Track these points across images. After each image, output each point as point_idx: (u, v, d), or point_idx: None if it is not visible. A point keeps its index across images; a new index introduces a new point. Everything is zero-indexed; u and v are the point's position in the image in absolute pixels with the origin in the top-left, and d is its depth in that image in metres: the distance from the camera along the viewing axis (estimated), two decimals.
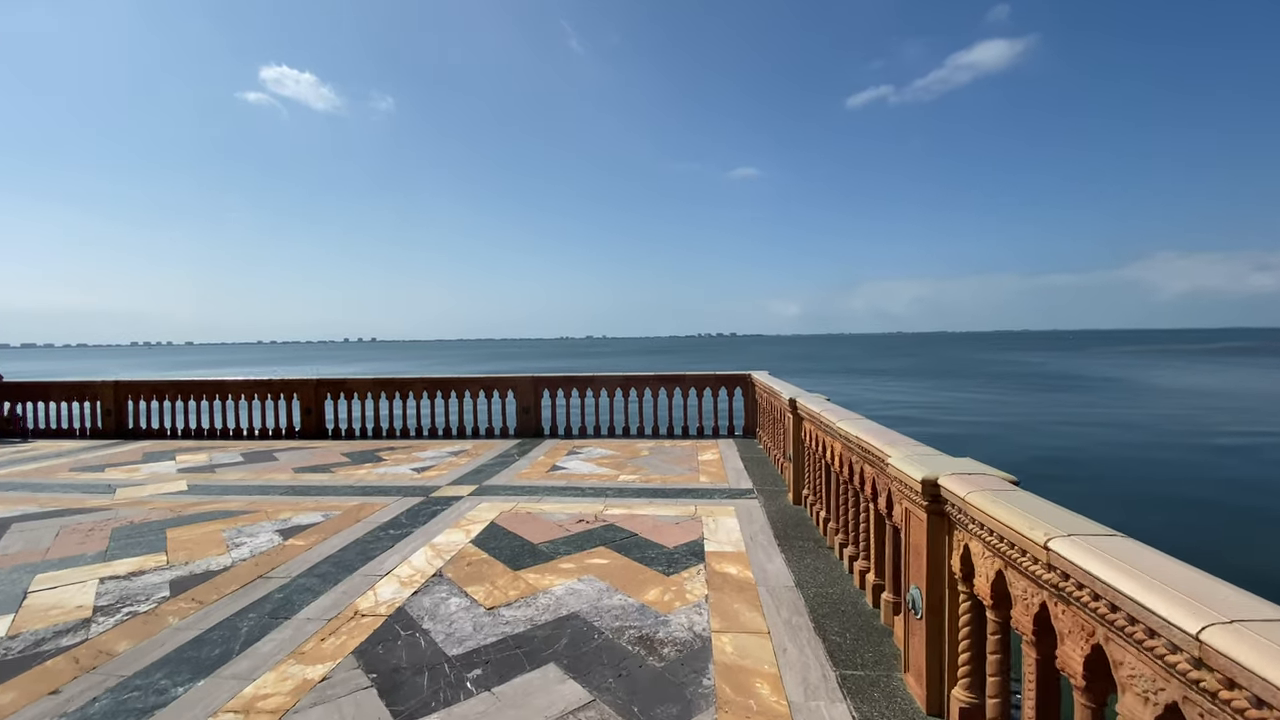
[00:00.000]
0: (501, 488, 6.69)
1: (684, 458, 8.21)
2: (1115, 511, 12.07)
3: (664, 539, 4.93)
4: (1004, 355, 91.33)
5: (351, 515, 5.78)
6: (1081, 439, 20.19)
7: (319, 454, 8.96)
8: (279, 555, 4.74)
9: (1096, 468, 16.17)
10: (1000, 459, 13.53)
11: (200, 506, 6.21)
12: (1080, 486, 14.31)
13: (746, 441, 9.39)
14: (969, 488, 2.40)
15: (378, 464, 8.17)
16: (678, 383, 10.12)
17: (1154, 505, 12.77)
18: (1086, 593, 1.65)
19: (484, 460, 8.23)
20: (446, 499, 6.26)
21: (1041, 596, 1.92)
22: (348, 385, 10.70)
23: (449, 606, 3.75)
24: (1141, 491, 13.82)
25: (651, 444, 9.26)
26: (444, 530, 5.24)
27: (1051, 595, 1.86)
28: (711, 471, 7.37)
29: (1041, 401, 31.24)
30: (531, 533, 5.13)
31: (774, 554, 4.60)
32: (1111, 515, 2.69)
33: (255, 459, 8.73)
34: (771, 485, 6.68)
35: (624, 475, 7.23)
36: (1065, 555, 1.73)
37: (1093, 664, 1.69)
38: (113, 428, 11.09)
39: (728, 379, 10.01)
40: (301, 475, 7.57)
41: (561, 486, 6.71)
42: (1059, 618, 1.83)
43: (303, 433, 10.65)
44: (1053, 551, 1.79)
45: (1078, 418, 25.11)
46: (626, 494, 6.37)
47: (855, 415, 4.36)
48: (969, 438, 20.57)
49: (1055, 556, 1.78)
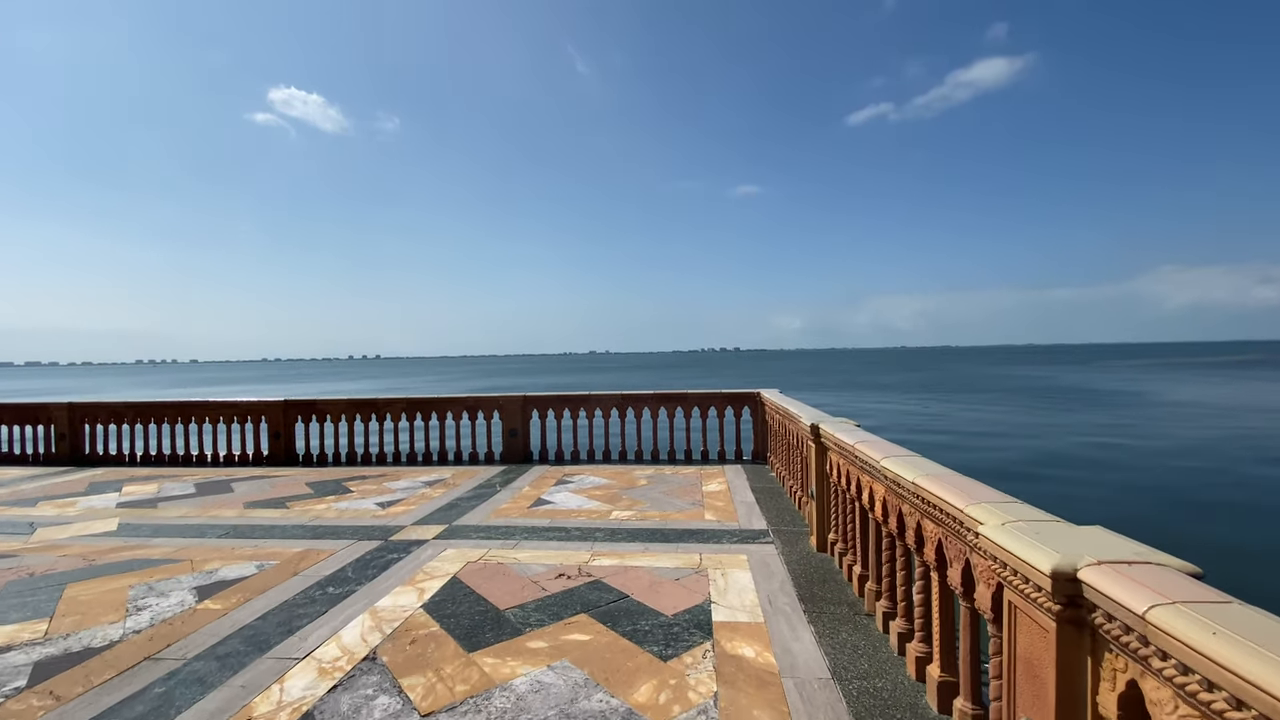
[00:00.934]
0: (474, 529, 5.75)
1: (687, 488, 7.26)
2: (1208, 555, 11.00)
3: (662, 602, 3.98)
4: (1013, 370, 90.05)
5: (289, 566, 4.85)
6: (1125, 461, 19.08)
7: (280, 484, 8.04)
8: (183, 625, 3.81)
9: (1153, 495, 15.06)
10: (1042, 490, 12.39)
11: (121, 553, 5.30)
12: (1147, 520, 13.22)
13: (756, 468, 8.44)
14: (1143, 594, 1.48)
15: (342, 496, 7.25)
16: (679, 402, 9.20)
17: (1252, 547, 11.62)
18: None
19: (460, 492, 7.30)
20: (407, 544, 5.33)
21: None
22: (319, 407, 9.81)
23: (373, 712, 2.81)
24: (1227, 529, 12.65)
25: (651, 471, 8.32)
26: (394, 588, 4.30)
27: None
28: (718, 506, 6.42)
29: (1070, 419, 30.13)
30: (499, 593, 4.19)
31: (799, 625, 3.65)
32: (1208, 560, 1.77)
33: (208, 490, 7.82)
34: (789, 525, 5.73)
35: (618, 511, 6.28)
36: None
37: None
38: (67, 453, 10.21)
39: (734, 398, 9.09)
40: (251, 512, 6.65)
41: (544, 527, 5.77)
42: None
43: (270, 458, 9.74)
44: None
45: (1110, 435, 24.01)
46: (619, 536, 5.43)
47: (904, 451, 3.43)
48: (999, 462, 19.50)
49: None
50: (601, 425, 9.31)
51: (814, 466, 4.96)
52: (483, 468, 8.84)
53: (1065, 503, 13.51)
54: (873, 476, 3.56)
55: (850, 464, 4.05)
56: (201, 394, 61.85)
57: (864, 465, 3.68)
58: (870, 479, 3.63)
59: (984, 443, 22.56)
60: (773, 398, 7.93)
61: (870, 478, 3.62)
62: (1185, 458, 18.98)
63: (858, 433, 4.24)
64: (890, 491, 3.25)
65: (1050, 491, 14.86)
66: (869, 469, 3.58)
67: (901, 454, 3.37)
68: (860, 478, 3.85)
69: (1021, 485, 14.77)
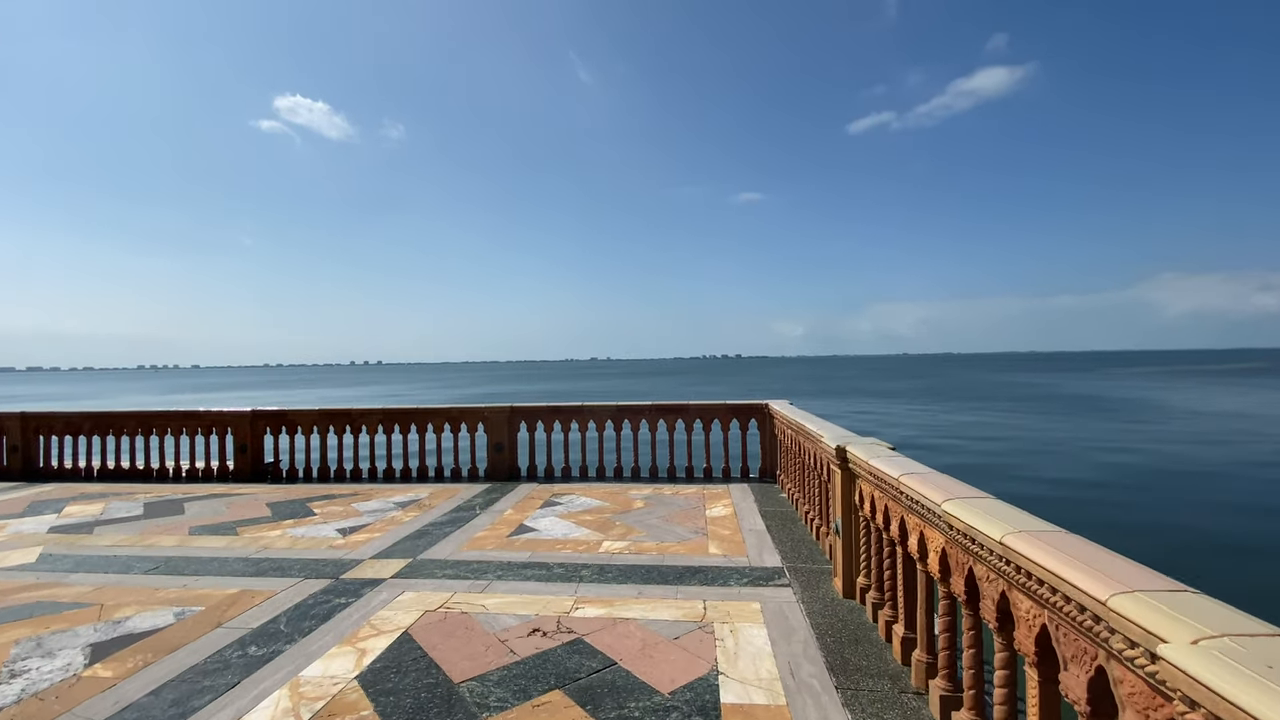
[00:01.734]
0: (441, 565, 4.96)
1: (689, 512, 6.47)
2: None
3: (657, 672, 3.19)
4: (1018, 377, 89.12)
5: (215, 614, 4.07)
6: (1154, 474, 18.23)
7: (238, 505, 7.27)
8: (56, 702, 3.03)
9: (1198, 514, 14.23)
10: (1074, 509, 11.49)
11: (28, 593, 4.52)
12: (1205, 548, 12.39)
13: (764, 487, 7.65)
14: None
15: (302, 520, 6.47)
16: (680, 414, 8.42)
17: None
18: None
19: (435, 516, 6.52)
20: (360, 584, 4.55)
21: None
22: (289, 418, 9.04)
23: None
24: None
25: (649, 491, 7.52)
26: (330, 648, 3.52)
27: None
28: (724, 535, 5.63)
29: (1089, 427, 29.28)
30: (457, 656, 3.40)
31: (832, 709, 2.85)
32: None
33: (158, 511, 7.04)
34: (807, 560, 4.94)
35: (609, 542, 5.49)
36: None
37: None
38: (19, 466, 9.44)
39: (740, 410, 8.30)
40: (194, 540, 5.87)
41: (522, 562, 4.98)
42: None
43: (236, 473, 8.97)
44: None
45: (1131, 445, 23.16)
46: (609, 575, 4.64)
47: (970, 490, 2.65)
48: (1019, 472, 18.66)
49: None
50: (595, 439, 8.53)
51: (840, 496, 4.17)
52: (464, 486, 8.06)
53: (1106, 525, 12.68)
54: (925, 520, 2.78)
55: (891, 500, 3.27)
56: (187, 402, 60.82)
57: (912, 505, 2.90)
58: (921, 522, 2.85)
59: (1017, 458, 21.70)
60: (784, 410, 7.15)
61: (921, 521, 2.84)
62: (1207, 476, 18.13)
63: (900, 460, 3.45)
64: (956, 545, 2.47)
65: (1079, 510, 14.01)
66: (921, 511, 2.80)
67: (969, 493, 2.59)
68: (906, 518, 3.07)
69: (1034, 490, 13.97)
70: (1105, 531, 8.62)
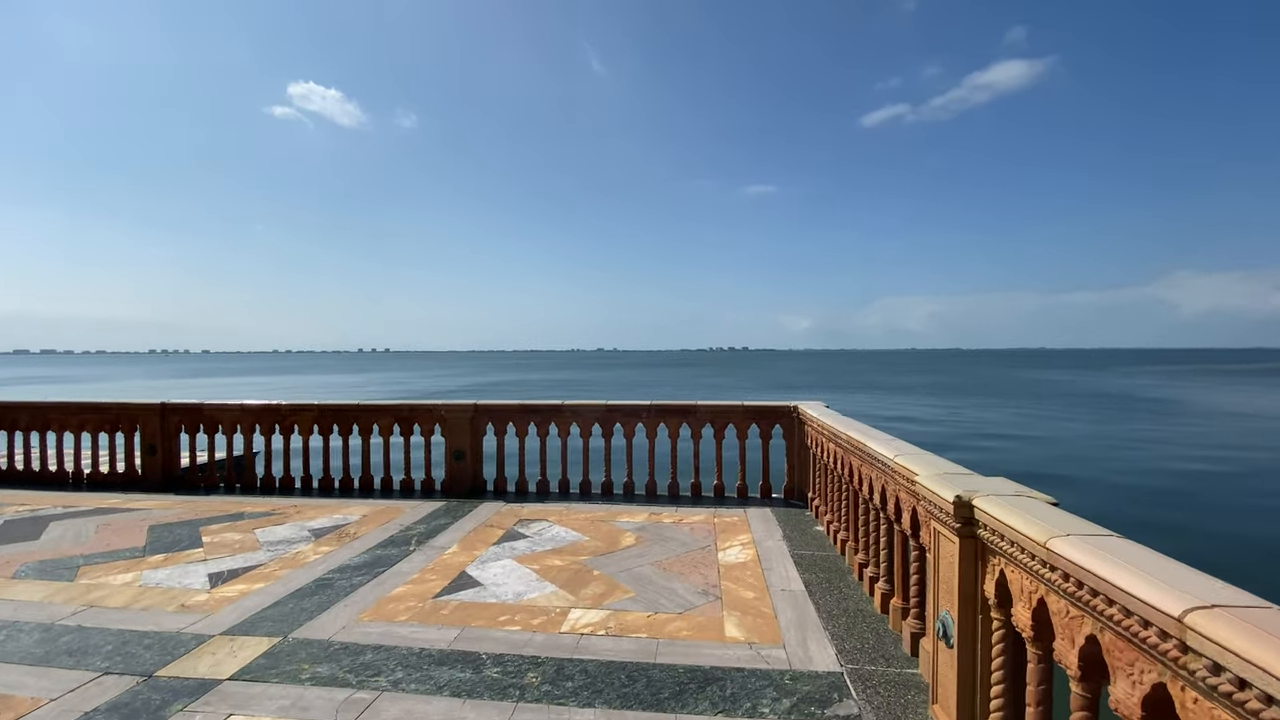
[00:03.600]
0: (320, 651, 3.28)
1: (695, 555, 4.76)
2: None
3: None
4: (1035, 373, 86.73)
5: None
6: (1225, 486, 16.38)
7: (112, 527, 5.63)
8: None
9: None
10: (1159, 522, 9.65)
11: None
12: None
13: (792, 513, 5.95)
14: None
15: (175, 556, 4.82)
16: (685, 416, 6.69)
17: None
18: None
19: (352, 554, 4.85)
20: (171, 696, 2.88)
21: None
22: (206, 414, 7.39)
23: None
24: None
25: (643, 518, 5.82)
26: None
27: None
28: (747, 601, 3.91)
29: (1130, 429, 27.36)
30: None
31: None
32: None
33: (8, 535, 5.43)
34: (876, 655, 3.22)
35: (580, 610, 3.79)
36: None
37: None
38: None
39: (762, 413, 6.57)
40: (9, 587, 4.23)
41: (443, 650, 3.28)
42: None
43: (144, 480, 7.35)
44: None
45: (1185, 451, 21.27)
46: (569, 687, 2.94)
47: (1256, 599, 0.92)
48: (1074, 477, 16.86)
49: None
50: (580, 447, 6.84)
51: (955, 579, 2.45)
52: (412, 504, 6.39)
53: None
54: (1199, 691, 1.07)
55: (1096, 620, 1.55)
56: (191, 387, 59.31)
57: (1159, 653, 1.18)
58: (1181, 682, 1.13)
59: (1067, 463, 19.86)
60: (821, 416, 5.43)
61: (1183, 681, 1.12)
62: None
63: (1095, 539, 1.72)
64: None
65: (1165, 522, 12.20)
66: (1191, 673, 1.07)
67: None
68: (1139, 665, 1.35)
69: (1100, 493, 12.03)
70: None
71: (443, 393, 51.98)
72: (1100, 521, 1.91)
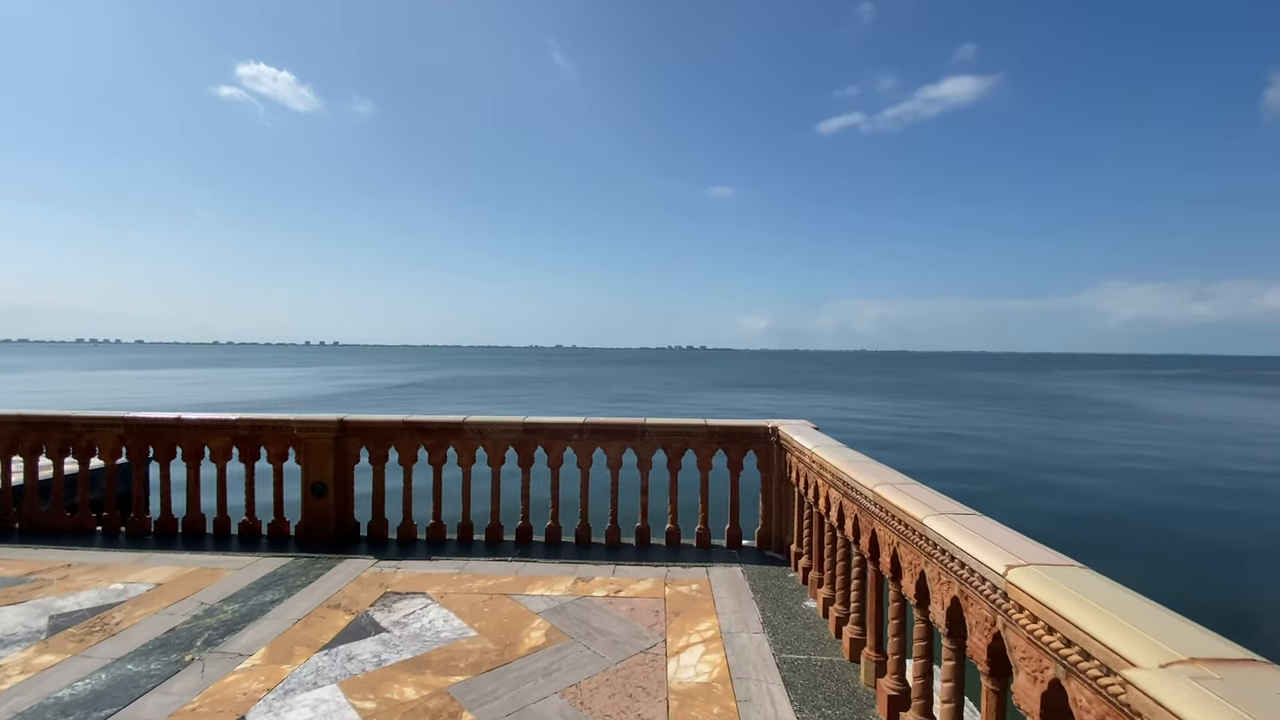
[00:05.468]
0: None
1: (633, 671, 3.11)
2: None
3: None
4: (983, 376, 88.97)
5: None
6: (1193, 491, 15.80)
7: None
8: None
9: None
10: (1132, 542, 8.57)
11: None
12: None
13: (768, 571, 4.39)
14: None
15: None
16: (631, 439, 5.03)
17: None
18: None
19: (80, 674, 2.99)
20: None
21: None
22: None
23: None
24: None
25: (566, 586, 4.14)
26: None
27: None
28: None
29: (1091, 431, 27.20)
30: None
31: None
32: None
33: None
34: None
35: None
36: None
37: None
38: None
39: (728, 435, 4.96)
40: None
41: None
42: None
43: None
44: None
45: (1142, 454, 20.92)
46: None
47: None
48: (1052, 485, 16.00)
49: None
50: (488, 478, 5.09)
51: None
52: (247, 560, 4.53)
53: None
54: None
55: None
56: (107, 379, 53.84)
57: None
58: None
59: (1034, 471, 19.10)
60: (808, 442, 3.89)
61: None
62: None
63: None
64: None
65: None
66: None
67: None
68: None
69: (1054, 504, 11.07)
70: None
71: (381, 390, 48.85)
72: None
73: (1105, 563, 2.00)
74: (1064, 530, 12.06)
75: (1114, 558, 10.72)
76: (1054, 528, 12.04)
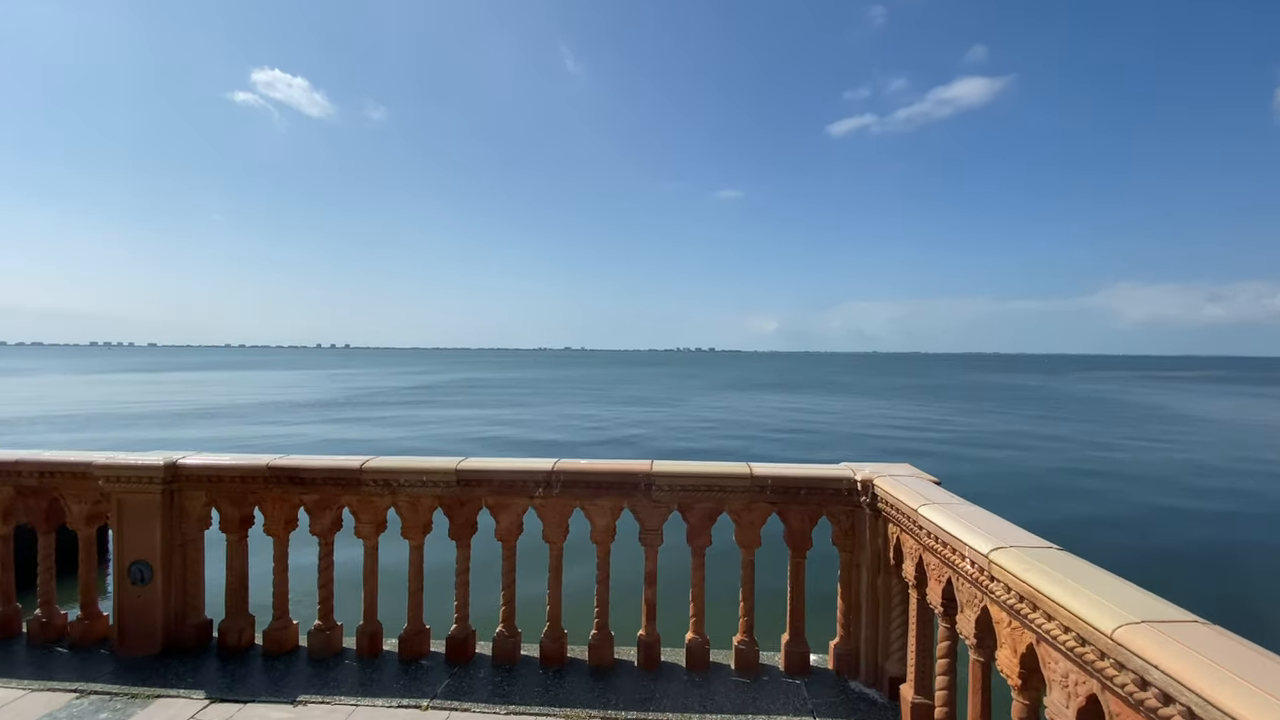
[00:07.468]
0: None
1: None
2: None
3: None
4: (999, 378, 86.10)
5: None
6: None
7: None
8: None
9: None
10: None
11: None
12: None
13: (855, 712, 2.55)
14: None
15: None
16: (630, 493, 3.15)
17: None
18: None
19: None
20: None
21: None
22: None
23: None
24: None
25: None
26: None
27: None
28: None
29: (1133, 436, 25.01)
30: None
31: None
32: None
33: None
34: None
35: None
36: None
37: None
38: None
39: (786, 488, 3.07)
40: None
41: None
42: None
43: None
44: None
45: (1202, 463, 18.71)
46: None
47: None
48: (1131, 502, 13.96)
49: None
50: (407, 552, 3.24)
51: None
52: (16, 692, 2.73)
53: None
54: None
55: None
56: (115, 382, 52.23)
57: None
58: None
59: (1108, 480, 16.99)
60: (930, 510, 2.02)
61: None
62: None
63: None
64: None
65: None
66: None
67: None
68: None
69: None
70: None
71: (386, 391, 47.20)
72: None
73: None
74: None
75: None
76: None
